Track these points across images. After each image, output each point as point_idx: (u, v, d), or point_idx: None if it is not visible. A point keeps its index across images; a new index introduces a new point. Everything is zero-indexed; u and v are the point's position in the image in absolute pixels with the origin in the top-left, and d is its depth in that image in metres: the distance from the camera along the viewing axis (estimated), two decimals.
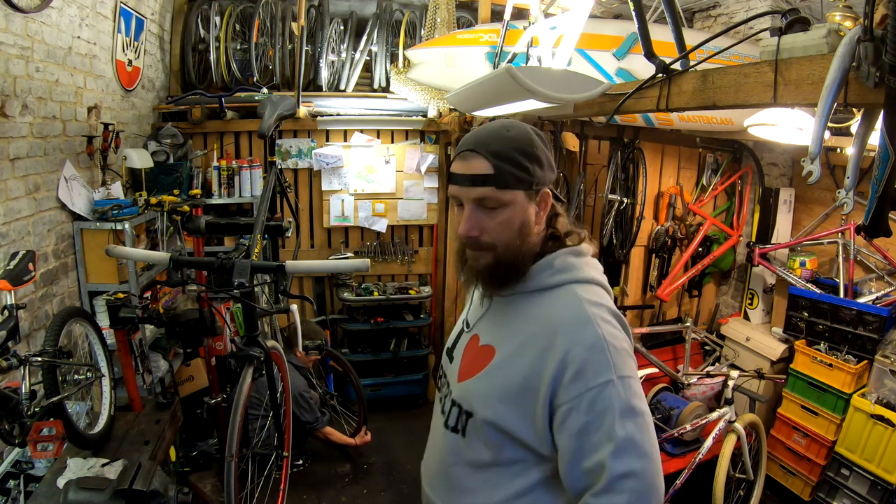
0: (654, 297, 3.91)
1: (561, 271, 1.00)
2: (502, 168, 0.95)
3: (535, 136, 0.99)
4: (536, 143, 0.99)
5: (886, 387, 2.65)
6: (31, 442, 1.60)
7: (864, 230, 1.36)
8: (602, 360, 0.89)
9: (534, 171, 0.97)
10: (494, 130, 0.99)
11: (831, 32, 1.21)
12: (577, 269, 1.00)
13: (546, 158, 0.99)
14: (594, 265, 1.05)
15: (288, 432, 2.33)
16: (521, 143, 0.97)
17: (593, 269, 1.03)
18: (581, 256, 1.03)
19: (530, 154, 0.97)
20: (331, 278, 4.05)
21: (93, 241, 2.51)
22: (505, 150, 0.96)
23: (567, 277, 0.99)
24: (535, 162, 0.97)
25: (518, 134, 0.98)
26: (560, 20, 2.44)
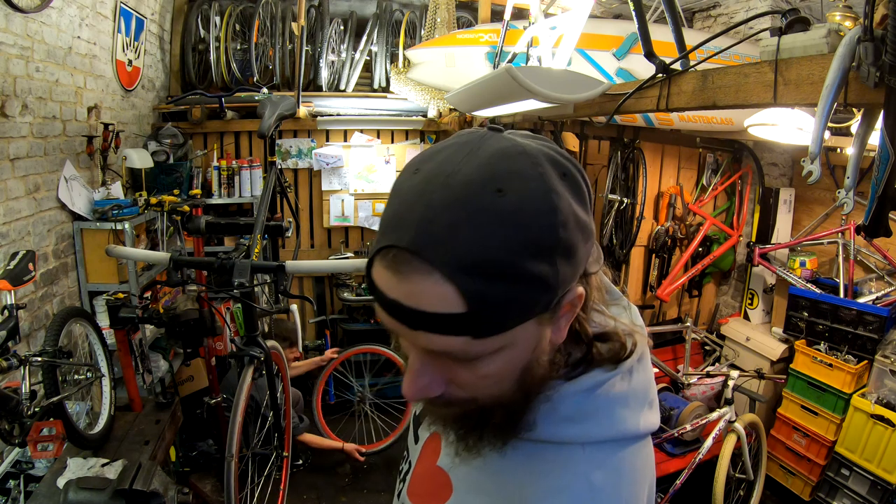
0: (654, 297, 3.91)
1: (571, 421, 0.56)
2: (487, 300, 0.46)
3: (557, 189, 0.47)
4: (563, 202, 0.47)
5: (886, 387, 2.64)
6: (31, 442, 1.59)
7: (864, 230, 1.36)
8: None
9: (557, 273, 0.48)
10: (468, 194, 0.45)
11: (831, 32, 1.21)
12: (591, 418, 0.57)
13: (581, 229, 0.49)
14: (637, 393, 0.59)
15: (288, 432, 2.33)
16: (528, 225, 0.45)
17: (631, 405, 0.58)
18: (603, 381, 0.57)
19: (550, 243, 0.46)
20: (331, 278, 4.05)
21: (93, 241, 2.51)
22: (493, 255, 0.45)
23: (572, 434, 0.56)
24: (560, 255, 0.47)
25: (522, 195, 0.45)
26: (560, 20, 2.44)
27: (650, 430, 0.59)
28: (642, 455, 0.59)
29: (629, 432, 0.57)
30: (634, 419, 0.58)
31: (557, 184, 0.47)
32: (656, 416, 0.61)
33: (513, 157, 0.47)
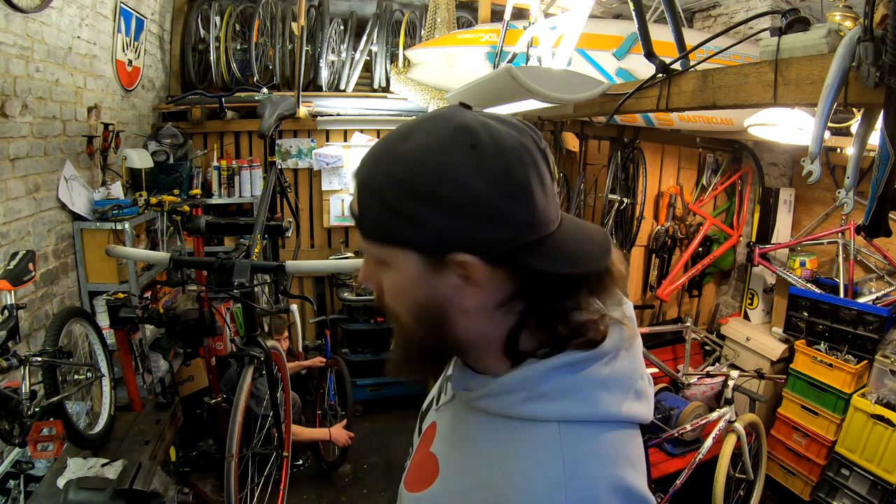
0: (654, 297, 3.91)
1: (544, 398, 0.58)
2: (367, 209, 0.57)
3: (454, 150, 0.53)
4: (453, 162, 0.52)
5: (886, 387, 2.64)
6: (31, 442, 1.60)
7: (864, 230, 1.36)
8: None
9: (426, 217, 0.53)
10: (388, 139, 0.58)
11: (831, 32, 1.21)
12: (573, 394, 0.58)
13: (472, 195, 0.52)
14: (617, 381, 0.60)
15: (288, 432, 2.33)
16: (412, 165, 0.54)
17: (610, 390, 0.59)
18: (590, 366, 0.59)
19: (423, 187, 0.53)
20: (331, 278, 4.05)
21: (93, 241, 2.51)
22: (379, 180, 0.56)
23: (551, 412, 0.58)
24: (430, 202, 0.53)
25: (417, 146, 0.54)
26: (560, 20, 2.44)
27: (635, 418, 0.60)
28: (625, 442, 0.58)
29: (608, 415, 0.58)
30: (615, 403, 0.58)
31: (456, 149, 0.53)
32: (644, 408, 0.61)
33: (438, 119, 0.56)
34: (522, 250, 0.55)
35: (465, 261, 0.55)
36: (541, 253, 0.56)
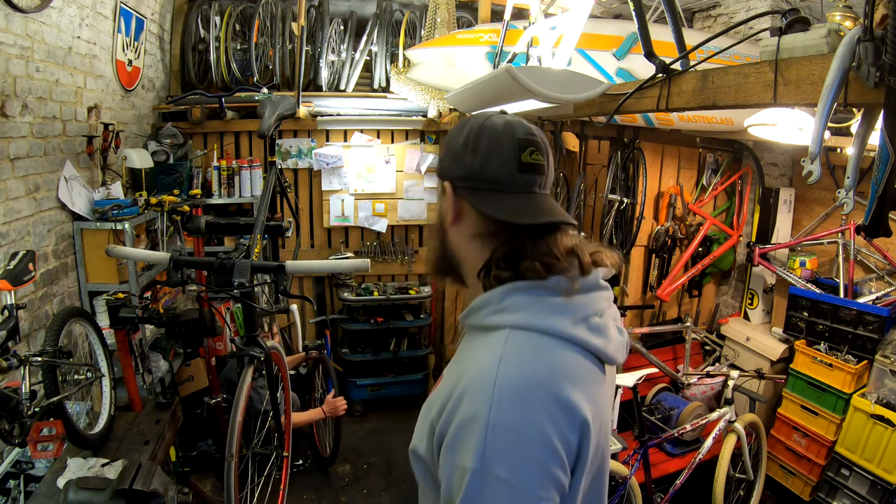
0: (654, 297, 3.92)
1: (502, 311, 0.76)
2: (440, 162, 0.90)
3: (464, 127, 0.84)
4: (455, 133, 0.85)
5: (886, 387, 2.64)
6: (31, 442, 1.59)
7: (864, 230, 1.36)
8: (473, 443, 0.67)
9: (442, 160, 0.87)
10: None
11: (831, 32, 1.21)
12: (522, 310, 0.75)
13: (452, 146, 0.84)
14: (565, 308, 0.76)
15: (288, 432, 2.33)
16: (447, 143, 0.88)
17: (554, 313, 0.75)
18: (540, 294, 0.76)
19: (446, 144, 0.87)
20: (331, 278, 4.05)
21: (93, 241, 2.51)
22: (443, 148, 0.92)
23: (505, 321, 0.75)
24: (445, 151, 0.87)
25: (449, 134, 0.88)
26: (560, 20, 2.44)
27: (584, 343, 0.75)
28: (568, 358, 0.74)
29: (554, 330, 0.74)
30: (563, 323, 0.75)
31: (460, 128, 0.85)
32: (598, 340, 0.77)
33: (467, 119, 0.87)
34: (472, 189, 0.82)
35: (445, 185, 0.85)
36: (483, 198, 0.81)
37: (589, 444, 0.72)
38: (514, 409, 0.68)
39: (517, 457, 0.67)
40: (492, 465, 0.66)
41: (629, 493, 2.39)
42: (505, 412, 0.68)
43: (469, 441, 0.68)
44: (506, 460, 0.67)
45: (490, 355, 0.73)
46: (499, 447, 0.67)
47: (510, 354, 0.72)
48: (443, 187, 0.86)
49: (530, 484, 0.67)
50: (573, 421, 0.70)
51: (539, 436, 0.68)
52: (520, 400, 0.69)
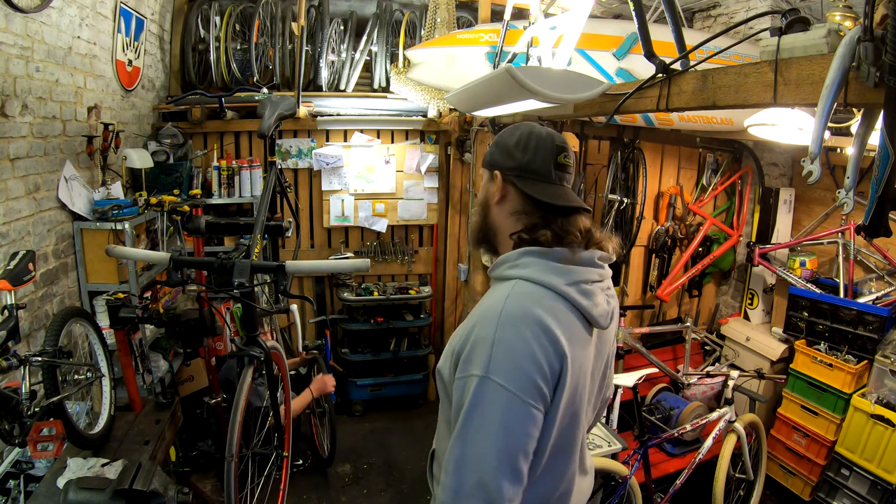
0: (654, 297, 3.92)
1: (516, 266, 1.04)
2: (488, 154, 1.17)
3: (516, 130, 1.12)
4: (506, 134, 1.13)
5: (886, 387, 2.65)
6: (31, 442, 1.60)
7: (864, 230, 1.36)
8: (482, 357, 0.92)
9: (491, 155, 1.14)
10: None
11: (831, 32, 1.21)
12: (529, 267, 1.02)
13: (507, 145, 1.11)
14: (563, 271, 1.01)
15: (288, 432, 2.33)
16: (499, 135, 1.16)
17: (546, 271, 1.00)
18: (543, 262, 1.02)
19: (497, 142, 1.15)
20: (331, 278, 4.05)
21: (93, 241, 2.51)
22: (493, 142, 1.18)
23: (516, 273, 1.02)
24: (494, 151, 1.14)
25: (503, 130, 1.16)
26: (560, 20, 2.44)
27: (571, 298, 0.99)
28: (556, 304, 0.98)
29: (550, 285, 0.99)
30: (558, 281, 1.00)
31: (511, 130, 1.13)
32: (585, 301, 1.00)
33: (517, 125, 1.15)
34: (520, 177, 1.08)
35: (496, 173, 1.12)
36: (530, 184, 1.08)
37: (567, 375, 0.95)
38: (511, 331, 0.93)
39: (512, 367, 0.91)
40: (495, 373, 0.91)
41: (629, 493, 2.39)
42: (504, 333, 0.93)
43: (478, 356, 0.93)
44: (503, 370, 0.91)
45: (501, 295, 0.99)
46: (499, 360, 0.91)
47: (514, 295, 0.98)
48: (492, 175, 1.12)
49: (520, 389, 0.90)
50: (555, 349, 0.93)
51: (528, 352, 0.92)
52: (516, 325, 0.93)
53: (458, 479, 0.90)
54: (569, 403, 0.98)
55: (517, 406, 0.90)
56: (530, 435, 0.92)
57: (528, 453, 0.93)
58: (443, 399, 1.07)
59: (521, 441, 0.91)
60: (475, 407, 0.91)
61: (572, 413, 1.01)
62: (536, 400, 0.91)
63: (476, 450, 0.90)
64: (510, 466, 0.90)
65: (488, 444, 0.90)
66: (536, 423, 0.93)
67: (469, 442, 0.91)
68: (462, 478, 0.90)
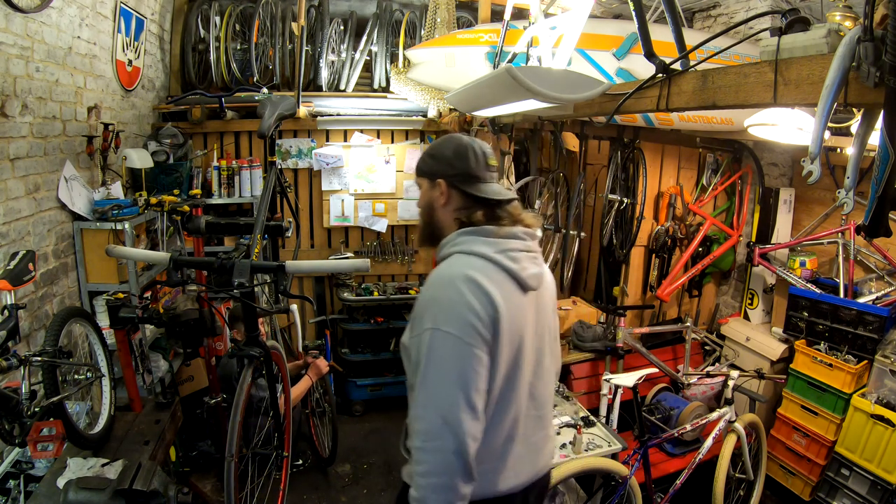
0: (654, 297, 3.91)
1: (454, 245, 1.27)
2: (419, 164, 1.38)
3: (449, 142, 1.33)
4: (441, 145, 1.34)
5: (886, 387, 2.64)
6: (31, 442, 1.60)
7: (864, 230, 1.36)
8: (430, 313, 1.15)
9: (430, 164, 1.34)
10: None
11: (831, 32, 1.21)
12: (465, 244, 1.25)
13: (446, 155, 1.31)
14: (491, 242, 1.24)
15: (288, 432, 2.33)
16: (431, 146, 1.37)
17: (479, 244, 1.24)
18: (477, 237, 1.25)
19: (431, 152, 1.35)
20: (331, 278, 4.05)
21: (93, 241, 2.51)
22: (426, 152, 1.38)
23: (455, 249, 1.26)
24: (433, 157, 1.34)
25: (435, 141, 1.44)
26: (560, 20, 2.44)
27: (498, 262, 1.21)
28: (487, 266, 1.20)
29: (481, 253, 1.22)
30: (487, 250, 1.22)
31: (445, 142, 1.34)
32: (509, 263, 1.22)
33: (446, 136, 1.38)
34: (463, 182, 1.30)
35: (440, 182, 1.31)
36: (472, 187, 1.30)
37: (502, 321, 1.15)
38: (450, 290, 1.16)
39: (454, 317, 1.13)
40: (441, 323, 1.13)
41: (629, 493, 2.39)
42: (445, 292, 1.17)
43: (427, 314, 1.16)
44: (447, 320, 1.13)
45: (442, 267, 1.24)
46: (444, 312, 1.14)
47: (452, 265, 1.23)
48: (434, 183, 1.32)
49: (463, 333, 1.12)
50: (488, 299, 1.15)
51: (465, 302, 1.13)
52: (454, 284, 1.16)
53: (424, 423, 1.11)
54: (509, 350, 1.19)
55: (463, 348, 1.11)
56: (478, 372, 1.12)
57: (480, 390, 1.12)
58: (406, 365, 1.25)
59: (472, 378, 1.11)
60: (430, 355, 1.12)
61: (513, 361, 1.21)
62: (478, 342, 1.13)
63: (436, 391, 1.11)
64: (466, 402, 1.10)
65: (445, 384, 1.10)
66: (482, 361, 1.13)
67: (429, 385, 1.12)
68: (428, 421, 1.10)
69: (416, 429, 1.11)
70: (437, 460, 1.09)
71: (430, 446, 1.09)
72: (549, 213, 3.52)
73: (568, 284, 3.84)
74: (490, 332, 1.13)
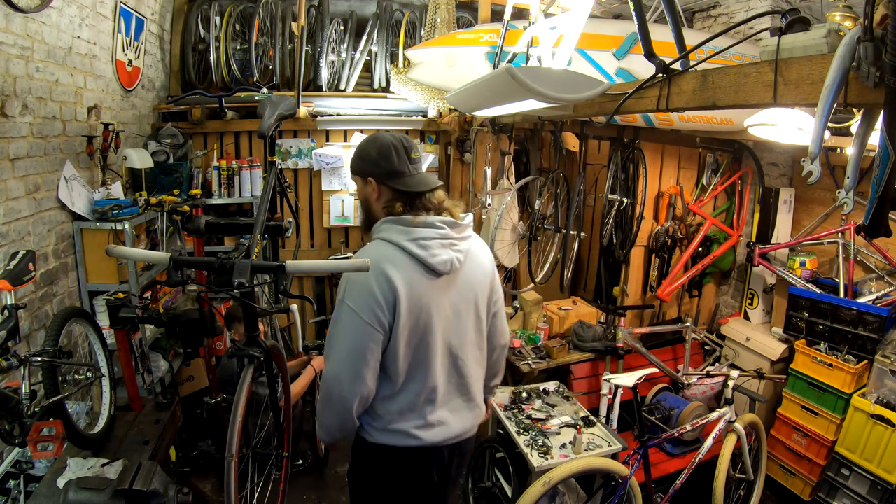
0: (654, 297, 3.91)
1: (377, 231, 1.50)
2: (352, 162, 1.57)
3: (368, 143, 1.52)
4: (367, 146, 1.52)
5: (886, 387, 2.65)
6: (31, 442, 1.60)
7: (864, 230, 1.36)
8: (342, 289, 1.44)
9: (360, 164, 1.53)
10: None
11: (831, 32, 1.21)
12: (384, 231, 1.47)
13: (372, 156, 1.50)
14: (404, 231, 1.44)
15: (288, 432, 2.32)
16: (359, 147, 1.54)
17: (394, 232, 1.45)
18: (395, 226, 1.46)
19: (359, 153, 1.53)
20: (331, 278, 4.05)
21: (93, 241, 2.51)
22: (355, 152, 1.56)
23: (376, 235, 1.49)
24: (361, 158, 1.53)
25: (362, 142, 1.55)
26: (560, 20, 2.44)
27: (408, 249, 1.42)
28: (397, 253, 1.43)
29: (394, 241, 1.44)
30: (400, 238, 1.43)
31: (369, 143, 1.53)
32: (419, 251, 1.43)
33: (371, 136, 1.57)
34: (388, 178, 1.48)
35: (370, 180, 1.50)
36: (397, 182, 1.48)
37: (401, 305, 1.38)
38: (360, 274, 1.39)
39: (359, 297, 1.39)
40: (348, 299, 1.41)
41: (629, 493, 2.39)
42: (356, 275, 1.41)
43: (344, 288, 1.43)
44: (354, 297, 1.40)
45: (368, 249, 1.48)
46: (352, 290, 1.41)
47: (368, 249, 1.48)
48: (366, 181, 1.52)
49: (361, 310, 1.38)
50: (389, 286, 1.39)
51: (368, 288, 1.39)
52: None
53: (325, 373, 1.46)
54: (412, 329, 1.43)
55: (359, 322, 1.38)
56: (368, 347, 1.39)
57: (367, 360, 1.40)
58: None
59: (363, 349, 1.39)
60: (335, 320, 1.43)
61: (420, 337, 1.45)
62: (373, 321, 1.38)
63: (334, 350, 1.43)
64: (353, 367, 1.40)
65: (340, 345, 1.41)
66: (375, 338, 1.39)
67: (331, 346, 1.43)
68: (327, 371, 1.45)
69: (323, 379, 1.46)
70: (324, 405, 1.48)
71: (323, 392, 1.46)
72: (549, 213, 3.52)
73: (568, 284, 3.84)
74: (388, 314, 1.39)
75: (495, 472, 2.86)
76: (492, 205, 3.26)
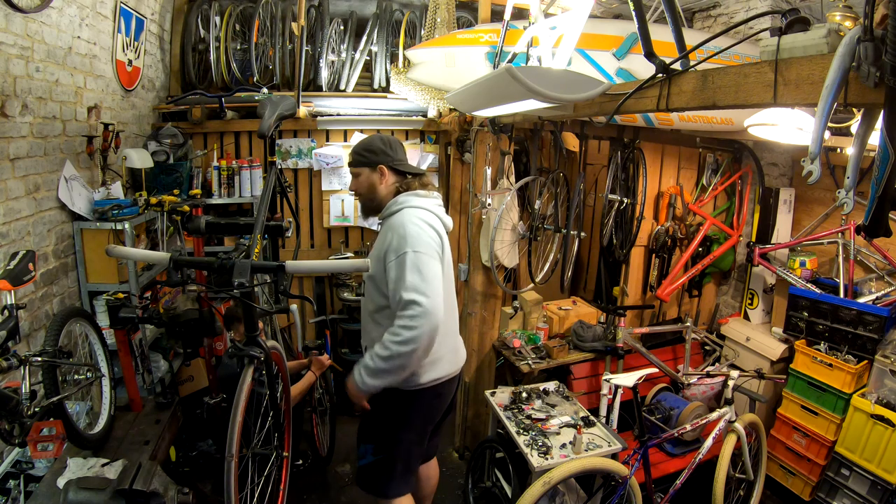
0: (654, 297, 3.91)
1: (399, 204, 1.95)
2: (357, 156, 2.04)
3: (374, 138, 2.03)
4: (374, 140, 2.03)
5: (886, 387, 2.65)
6: (31, 442, 1.60)
7: (864, 230, 1.36)
8: (403, 242, 1.81)
9: (368, 155, 2.00)
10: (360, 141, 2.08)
11: (831, 32, 1.21)
12: (409, 202, 1.94)
13: (379, 148, 2.01)
14: (424, 199, 1.96)
15: (288, 432, 2.32)
16: (365, 141, 2.04)
17: (422, 199, 1.96)
18: (415, 197, 1.96)
19: (366, 146, 2.01)
20: (331, 278, 4.05)
21: (93, 241, 2.51)
22: (357, 147, 2.05)
23: (402, 206, 1.94)
24: (368, 150, 2.00)
25: (367, 138, 2.05)
26: (560, 20, 2.44)
27: (435, 211, 1.99)
28: (424, 213, 1.94)
29: (423, 205, 1.97)
30: (428, 204, 1.99)
31: (375, 138, 2.09)
32: (440, 211, 2.02)
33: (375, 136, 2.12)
34: (396, 164, 2.04)
35: (381, 167, 2.02)
36: (401, 165, 2.05)
37: (445, 245, 1.97)
38: (414, 227, 1.85)
39: (423, 243, 1.83)
40: (415, 247, 1.81)
41: (629, 493, 2.39)
42: (411, 229, 1.84)
43: (404, 242, 1.82)
44: (420, 244, 1.82)
45: (399, 219, 1.90)
46: (415, 240, 1.82)
47: (405, 214, 1.90)
48: (375, 168, 1.99)
49: (429, 252, 1.83)
50: (436, 232, 1.91)
51: (427, 233, 1.86)
52: (415, 224, 1.86)
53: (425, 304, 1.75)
54: (447, 265, 1.95)
55: (430, 259, 1.81)
56: (439, 276, 1.83)
57: (441, 283, 1.82)
58: (369, 287, 2.00)
59: (437, 276, 1.81)
60: (413, 266, 1.78)
61: (449, 272, 1.99)
62: (436, 256, 1.84)
63: (431, 286, 1.77)
64: (436, 289, 1.78)
65: (437, 280, 1.80)
66: (441, 270, 1.85)
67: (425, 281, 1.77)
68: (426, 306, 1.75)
69: (412, 298, 1.75)
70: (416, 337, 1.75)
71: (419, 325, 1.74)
72: (549, 213, 3.51)
73: (568, 284, 3.83)
74: (440, 251, 1.89)
75: (495, 471, 2.86)
76: (492, 205, 3.26)
